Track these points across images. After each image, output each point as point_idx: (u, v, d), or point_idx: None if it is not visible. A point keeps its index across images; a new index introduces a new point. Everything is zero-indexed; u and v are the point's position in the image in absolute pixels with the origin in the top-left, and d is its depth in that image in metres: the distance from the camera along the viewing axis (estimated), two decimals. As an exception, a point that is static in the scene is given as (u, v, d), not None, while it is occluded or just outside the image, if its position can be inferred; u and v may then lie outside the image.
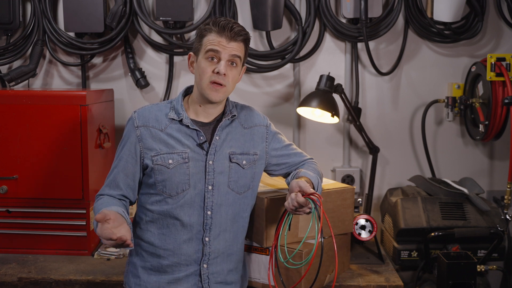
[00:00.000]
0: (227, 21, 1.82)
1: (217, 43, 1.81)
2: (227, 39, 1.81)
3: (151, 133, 1.87)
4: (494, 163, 3.10)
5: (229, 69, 1.83)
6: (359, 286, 2.26)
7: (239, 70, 1.89)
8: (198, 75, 1.86)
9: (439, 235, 2.48)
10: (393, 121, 3.09)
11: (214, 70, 1.82)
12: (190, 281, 1.90)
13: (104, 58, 3.06)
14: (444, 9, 2.84)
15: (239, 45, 1.84)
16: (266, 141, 2.01)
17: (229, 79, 1.84)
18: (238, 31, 1.82)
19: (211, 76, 1.82)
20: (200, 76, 1.84)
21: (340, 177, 3.05)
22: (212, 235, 1.89)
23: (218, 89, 1.83)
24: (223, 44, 1.81)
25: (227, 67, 1.83)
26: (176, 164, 1.85)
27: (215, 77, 1.82)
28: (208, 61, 1.82)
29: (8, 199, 2.52)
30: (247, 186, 1.94)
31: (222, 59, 1.82)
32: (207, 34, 1.83)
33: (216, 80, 1.82)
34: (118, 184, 1.88)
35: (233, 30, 1.81)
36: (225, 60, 1.82)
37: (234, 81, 1.87)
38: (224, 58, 1.82)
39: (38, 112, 2.48)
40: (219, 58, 1.82)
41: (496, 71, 2.75)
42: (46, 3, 2.87)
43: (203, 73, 1.83)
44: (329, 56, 3.04)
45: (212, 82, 1.82)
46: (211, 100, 1.85)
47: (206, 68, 1.82)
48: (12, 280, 2.28)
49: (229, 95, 1.95)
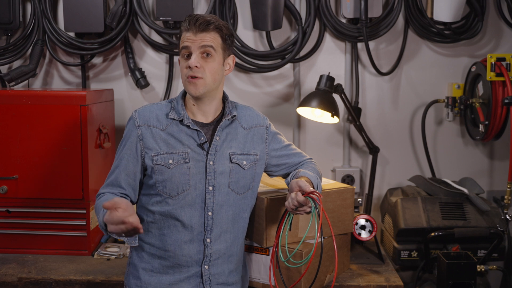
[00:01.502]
0: (194, 16, 1.84)
1: (186, 39, 1.83)
2: (194, 32, 1.82)
3: (152, 132, 1.87)
4: (494, 163, 3.10)
5: (203, 60, 1.83)
6: (359, 286, 2.26)
7: (218, 60, 1.86)
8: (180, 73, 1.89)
9: (439, 235, 2.48)
10: (393, 121, 3.09)
11: (187, 65, 1.83)
12: (192, 282, 1.90)
13: (104, 58, 3.06)
14: (444, 9, 2.84)
15: (210, 34, 1.83)
16: (266, 141, 2.01)
17: (206, 71, 1.83)
18: (203, 21, 1.82)
19: (186, 72, 1.84)
20: (181, 73, 1.88)
21: (340, 177, 3.05)
22: (213, 236, 1.88)
23: (195, 81, 1.83)
24: (192, 38, 1.82)
25: (200, 60, 1.82)
26: (177, 164, 1.85)
27: (189, 71, 1.83)
28: (184, 59, 1.85)
29: (8, 199, 2.52)
30: (247, 187, 1.94)
31: (193, 52, 1.82)
32: (181, 34, 1.86)
33: (190, 74, 1.82)
34: (119, 183, 1.88)
35: (197, 21, 1.82)
36: (196, 53, 1.82)
37: (212, 72, 1.84)
38: (195, 51, 1.82)
39: (38, 112, 2.48)
40: (190, 52, 1.83)
41: (496, 71, 2.75)
42: (46, 3, 2.87)
43: (181, 71, 1.87)
44: (329, 56, 3.04)
45: (188, 77, 1.83)
46: (192, 95, 1.86)
47: (183, 64, 1.86)
48: (12, 280, 2.28)
49: (226, 94, 1.96)
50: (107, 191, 1.88)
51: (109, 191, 1.88)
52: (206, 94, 1.86)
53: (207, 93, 1.86)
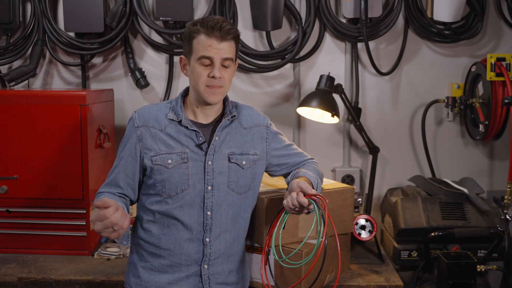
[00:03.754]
0: (215, 21, 1.80)
1: (209, 46, 1.79)
2: (218, 39, 1.80)
3: (151, 133, 1.87)
4: (494, 163, 3.10)
5: (224, 70, 1.83)
6: (359, 286, 2.26)
7: (233, 69, 1.89)
8: (193, 80, 1.85)
9: (439, 235, 2.48)
10: (393, 121, 3.09)
11: (209, 75, 1.82)
12: (191, 281, 1.90)
13: (104, 58, 3.06)
14: (444, 9, 2.84)
15: (230, 44, 1.83)
16: (267, 141, 2.01)
17: (225, 80, 1.84)
18: (227, 30, 1.80)
19: (206, 81, 1.82)
20: (196, 80, 1.84)
21: (340, 177, 3.05)
22: (213, 235, 1.89)
23: (215, 91, 1.84)
24: (215, 47, 1.79)
25: (221, 70, 1.83)
26: (175, 164, 1.85)
27: (211, 81, 1.82)
28: (202, 66, 1.82)
29: (8, 199, 2.52)
30: (247, 187, 1.94)
31: (216, 63, 1.81)
32: (196, 36, 1.81)
33: (212, 84, 1.82)
34: (118, 183, 1.89)
35: (222, 30, 1.79)
36: (217, 63, 1.82)
37: (229, 80, 1.87)
38: (217, 62, 1.81)
39: (38, 112, 2.48)
40: (212, 62, 1.81)
41: (496, 71, 2.75)
42: (46, 3, 2.87)
43: (198, 78, 1.83)
44: (329, 56, 3.04)
45: (208, 86, 1.83)
46: (210, 103, 1.86)
47: (201, 72, 1.82)
48: (12, 280, 2.28)
49: (227, 94, 1.95)
50: (106, 191, 1.89)
51: (108, 190, 1.89)
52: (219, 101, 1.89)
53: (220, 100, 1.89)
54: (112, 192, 1.88)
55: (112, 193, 1.88)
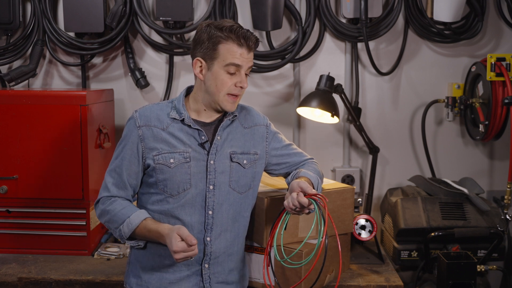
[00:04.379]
0: (244, 30, 1.81)
1: (239, 55, 1.80)
2: (248, 50, 1.81)
3: (153, 132, 1.87)
4: (494, 163, 3.10)
5: (246, 78, 1.86)
6: (359, 286, 2.26)
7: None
8: (214, 86, 1.83)
9: (439, 235, 2.48)
10: (393, 121, 3.09)
11: (236, 84, 1.82)
12: (192, 281, 1.90)
13: (104, 58, 3.06)
14: (444, 9, 2.84)
15: (253, 53, 1.86)
16: (267, 140, 2.01)
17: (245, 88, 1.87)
18: (256, 41, 1.84)
19: (231, 89, 1.83)
20: (218, 87, 1.83)
21: (340, 177, 3.05)
22: (213, 235, 1.89)
23: (235, 100, 1.86)
24: (244, 57, 1.81)
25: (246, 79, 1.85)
26: (178, 164, 1.85)
27: (236, 90, 1.83)
28: (228, 74, 1.81)
29: (8, 199, 2.52)
30: (248, 186, 1.94)
31: (242, 72, 1.82)
32: (224, 42, 1.80)
33: (237, 93, 1.84)
34: (126, 184, 1.89)
35: (252, 41, 1.81)
36: (244, 72, 1.83)
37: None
38: (244, 70, 1.83)
39: (38, 112, 2.48)
40: (239, 71, 1.82)
41: (496, 71, 2.75)
42: (46, 3, 2.87)
43: (222, 86, 1.82)
44: (329, 56, 3.04)
45: (230, 94, 1.83)
46: (227, 111, 1.87)
47: (227, 80, 1.82)
48: (12, 280, 2.28)
49: None
50: (116, 195, 1.89)
51: (118, 194, 1.89)
52: None
53: None
54: (122, 196, 1.89)
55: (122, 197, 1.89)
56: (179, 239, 1.71)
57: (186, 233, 1.71)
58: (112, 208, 1.85)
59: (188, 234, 1.71)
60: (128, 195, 1.90)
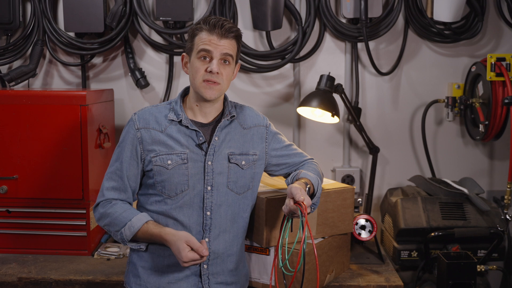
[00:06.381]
0: (218, 19, 1.84)
1: (209, 41, 1.82)
2: (218, 36, 1.82)
3: (151, 134, 1.87)
4: (494, 163, 3.10)
5: (222, 67, 1.85)
6: (359, 286, 2.26)
7: (232, 68, 1.90)
8: (191, 75, 1.87)
9: (439, 235, 2.48)
10: (393, 121, 3.09)
11: (206, 69, 1.83)
12: (190, 281, 1.90)
13: (104, 58, 3.06)
14: (444, 9, 2.84)
15: (231, 42, 1.85)
16: (266, 141, 2.01)
17: (223, 77, 1.85)
18: (228, 28, 1.83)
19: (204, 75, 1.84)
20: (193, 75, 1.86)
21: (340, 177, 3.05)
22: (212, 235, 1.89)
23: (212, 86, 1.84)
24: (215, 43, 1.82)
25: (220, 65, 1.84)
26: (175, 165, 1.85)
27: (208, 75, 1.83)
28: (201, 61, 1.84)
29: (8, 199, 2.52)
30: (246, 187, 1.94)
31: (214, 57, 1.83)
32: (198, 33, 1.85)
33: (210, 79, 1.84)
34: (126, 187, 1.89)
35: (223, 27, 1.82)
36: (217, 58, 1.83)
37: (228, 79, 1.88)
38: (216, 57, 1.83)
39: (38, 112, 2.48)
40: (211, 57, 1.83)
41: (496, 71, 2.75)
42: (46, 3, 2.87)
43: (196, 73, 1.85)
44: (329, 56, 3.04)
45: (205, 81, 1.84)
46: (206, 98, 1.86)
47: (199, 67, 1.84)
48: (12, 280, 2.28)
49: (226, 94, 1.96)
50: (117, 198, 1.89)
51: (118, 197, 1.89)
52: (216, 98, 1.88)
53: (217, 97, 1.89)
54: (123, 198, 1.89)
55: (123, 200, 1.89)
56: (188, 249, 1.74)
57: (197, 244, 1.75)
58: (113, 211, 1.86)
59: (199, 245, 1.75)
60: (128, 198, 1.91)
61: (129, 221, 1.83)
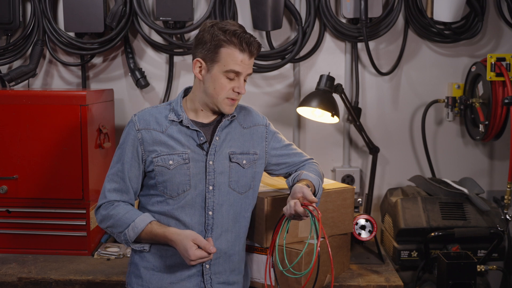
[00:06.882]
0: (248, 36, 1.80)
1: (240, 62, 1.80)
2: (249, 56, 1.81)
3: (152, 135, 1.87)
4: (494, 163, 3.10)
5: (244, 84, 1.86)
6: (359, 286, 2.26)
7: None
8: (213, 88, 1.83)
9: (439, 235, 2.48)
10: (393, 121, 3.09)
11: (234, 89, 1.83)
12: (193, 281, 1.90)
13: (104, 58, 3.06)
14: (444, 9, 2.84)
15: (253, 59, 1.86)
16: (266, 140, 2.01)
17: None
18: (258, 47, 1.83)
19: (230, 93, 1.84)
20: (216, 90, 1.83)
21: (340, 177, 3.05)
22: (214, 235, 1.88)
23: (233, 103, 1.87)
24: (245, 63, 1.81)
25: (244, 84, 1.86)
26: (177, 165, 1.85)
27: (234, 95, 1.84)
28: (228, 79, 1.82)
29: (8, 199, 2.52)
30: (248, 186, 1.94)
31: (241, 78, 1.83)
32: (226, 46, 1.79)
33: (235, 98, 1.85)
34: (128, 188, 1.89)
35: (254, 47, 1.81)
36: (243, 77, 1.84)
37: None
38: (243, 76, 1.84)
39: (38, 112, 2.48)
40: (238, 77, 1.83)
41: (496, 71, 2.75)
42: (46, 3, 2.87)
43: (221, 89, 1.82)
44: (329, 56, 3.04)
45: (229, 98, 1.84)
46: (225, 113, 1.88)
47: (225, 85, 1.82)
48: (12, 280, 2.28)
49: None
50: (119, 199, 1.89)
51: (120, 198, 1.89)
52: None
53: None
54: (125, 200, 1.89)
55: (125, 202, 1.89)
56: (195, 247, 1.74)
57: (204, 242, 1.75)
58: (116, 212, 1.85)
59: (206, 243, 1.75)
60: (130, 199, 1.90)
61: (133, 222, 1.83)
